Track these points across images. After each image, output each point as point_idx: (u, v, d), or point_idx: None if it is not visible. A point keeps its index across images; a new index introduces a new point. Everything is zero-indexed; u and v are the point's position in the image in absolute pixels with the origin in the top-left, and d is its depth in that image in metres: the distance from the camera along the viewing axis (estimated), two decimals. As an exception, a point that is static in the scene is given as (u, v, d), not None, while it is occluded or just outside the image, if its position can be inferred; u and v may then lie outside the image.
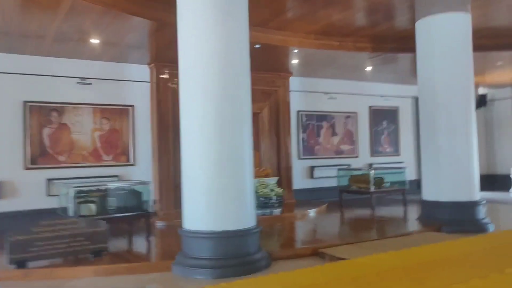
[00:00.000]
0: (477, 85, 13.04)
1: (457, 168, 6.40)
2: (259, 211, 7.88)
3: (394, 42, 8.12)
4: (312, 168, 10.60)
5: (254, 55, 8.15)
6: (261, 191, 7.80)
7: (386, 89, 11.85)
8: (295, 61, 8.86)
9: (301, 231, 7.12)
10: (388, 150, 11.92)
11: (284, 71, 9.78)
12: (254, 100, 9.84)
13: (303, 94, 10.64)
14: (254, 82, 9.74)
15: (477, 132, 6.67)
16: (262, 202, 7.87)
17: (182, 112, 4.82)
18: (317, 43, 7.71)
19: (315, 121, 10.79)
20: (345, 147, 11.18)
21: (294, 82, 10.39)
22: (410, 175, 11.00)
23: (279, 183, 9.80)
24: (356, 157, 11.33)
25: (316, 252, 5.21)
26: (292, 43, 7.50)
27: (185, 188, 4.82)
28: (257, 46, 7.42)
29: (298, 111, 10.56)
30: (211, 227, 4.61)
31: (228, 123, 4.64)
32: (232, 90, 4.69)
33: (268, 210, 7.91)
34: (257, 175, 8.23)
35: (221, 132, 4.61)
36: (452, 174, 6.42)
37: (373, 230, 6.86)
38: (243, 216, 4.75)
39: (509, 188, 12.14)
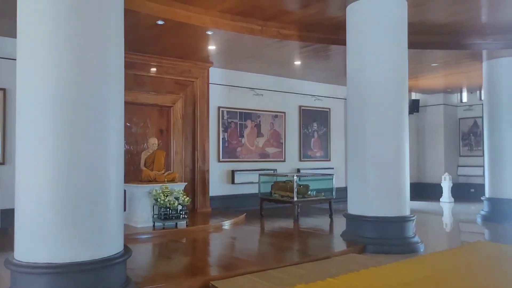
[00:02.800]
0: (410, 90, 12.61)
1: (386, 179, 5.47)
2: (159, 224, 6.56)
3: (325, 31, 7.12)
4: (233, 173, 9.41)
5: (159, 35, 6.88)
6: (162, 200, 6.45)
7: (317, 89, 10.96)
8: (212, 47, 7.61)
9: (204, 251, 5.86)
10: (318, 154, 11.03)
11: (202, 59, 8.51)
12: (165, 91, 8.62)
13: (225, 88, 9.43)
14: (164, 70, 8.54)
15: (409, 139, 5.81)
16: (163, 213, 6.52)
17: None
18: (234, 25, 6.52)
19: (239, 120, 9.62)
20: (271, 150, 10.11)
21: (215, 74, 9.16)
22: (340, 182, 10.20)
23: (192, 189, 8.53)
24: (283, 161, 10.31)
25: (207, 286, 3.99)
26: (204, 22, 6.25)
27: (18, 204, 3.40)
28: (160, 22, 6.09)
29: (219, 107, 9.33)
30: (52, 257, 3.24)
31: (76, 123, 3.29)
32: (82, 76, 3.33)
33: (171, 223, 6.58)
34: (160, 180, 6.89)
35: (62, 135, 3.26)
36: (380, 185, 5.48)
37: (291, 251, 5.76)
38: (99, 240, 3.41)
39: (440, 197, 11.74)
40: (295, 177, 7.90)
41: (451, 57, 8.29)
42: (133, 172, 7.95)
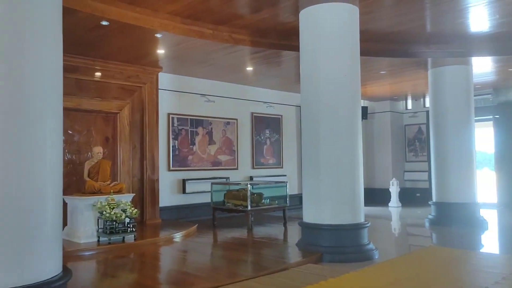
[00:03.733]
0: (359, 97, 12.87)
1: (341, 185, 5.42)
2: (104, 239, 6.12)
3: (277, 37, 7.03)
4: (184, 182, 9.07)
5: (104, 37, 6.35)
6: (107, 213, 6.02)
7: (269, 96, 10.89)
8: (161, 51, 7.28)
9: (153, 267, 5.49)
10: (270, 161, 10.94)
11: (151, 64, 8.15)
12: (111, 97, 8.12)
13: (175, 95, 9.10)
14: (110, 74, 8.03)
15: (360, 145, 5.81)
16: (109, 226, 6.08)
17: None
18: (184, 28, 6.25)
19: (190, 127, 9.31)
20: (223, 158, 9.87)
21: (165, 80, 8.81)
22: (292, 189, 10.15)
23: (141, 200, 8.11)
24: (236, 169, 10.10)
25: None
26: (153, 24, 5.94)
27: None
28: (104, 23, 5.70)
29: (169, 114, 8.97)
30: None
31: None
32: (11, 81, 2.96)
33: (117, 237, 6.15)
34: (105, 191, 6.44)
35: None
36: (335, 192, 5.42)
37: (245, 264, 5.55)
38: (32, 262, 3.03)
39: (388, 202, 12.02)
40: (248, 185, 7.71)
41: (398, 65, 8.50)
42: (75, 183, 7.42)
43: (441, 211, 8.31)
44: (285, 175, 10.92)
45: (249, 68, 8.69)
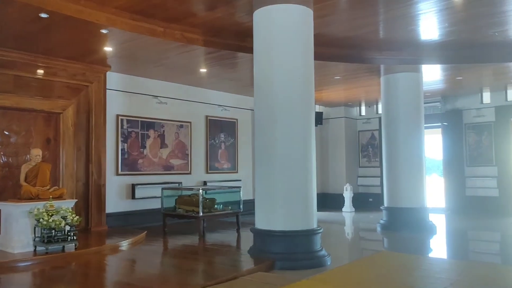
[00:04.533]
0: (314, 102, 12.94)
1: (294, 191, 5.30)
2: (41, 248, 5.66)
3: (231, 37, 6.85)
4: (133, 186, 8.65)
5: (45, 30, 5.74)
6: (45, 220, 5.56)
7: (224, 99, 10.68)
8: (109, 49, 6.90)
9: (96, 279, 5.11)
10: (225, 166, 10.71)
11: (98, 62, 7.72)
12: (54, 95, 7.54)
13: (125, 95, 8.69)
14: (53, 71, 7.33)
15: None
16: (47, 235, 5.62)
17: None
18: (133, 24, 5.93)
19: (140, 129, 8.92)
20: (176, 162, 9.54)
21: (114, 79, 8.39)
22: (247, 194, 9.97)
23: (86, 206, 7.65)
24: (189, 173, 9.79)
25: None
26: (98, 18, 5.57)
27: None
28: (43, 15, 5.28)
29: (118, 116, 8.54)
30: None
31: None
32: None
33: (56, 246, 5.70)
34: (44, 196, 5.97)
35: None
36: (288, 198, 5.29)
37: (196, 273, 5.28)
38: None
39: (342, 207, 12.11)
40: (200, 191, 7.45)
41: (352, 71, 8.57)
42: (12, 188, 6.86)
43: (392, 216, 8.41)
44: (240, 180, 10.73)
45: (203, 70, 8.45)
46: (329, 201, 12.75)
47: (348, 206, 12.04)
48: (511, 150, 10.88)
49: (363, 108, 13.50)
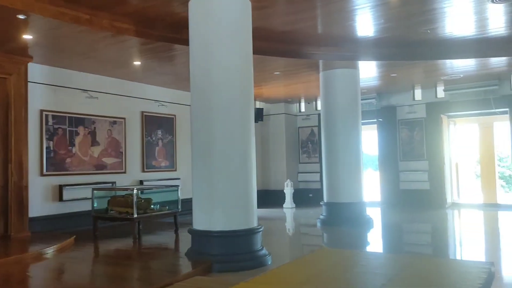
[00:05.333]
0: (254, 99, 12.84)
1: (234, 189, 5.09)
2: None
3: (166, 29, 6.46)
4: (60, 188, 7.99)
5: None
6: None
7: (161, 94, 10.23)
8: (29, 37, 6.25)
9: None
10: (163, 164, 10.26)
11: (18, 52, 6.99)
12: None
13: (50, 89, 7.99)
14: None
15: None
16: (-46, 245, 4.97)
17: None
18: (55, 10, 5.38)
19: (68, 126, 8.25)
20: (109, 160, 8.96)
21: (37, 71, 7.68)
22: (187, 193, 9.59)
23: (5, 210, 6.94)
24: (124, 172, 9.25)
25: None
26: (13, 2, 4.98)
27: None
28: None
29: (42, 111, 7.84)
30: None
31: None
32: None
33: (-34, 257, 5.05)
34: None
35: None
36: (227, 196, 5.07)
37: (129, 281, 4.91)
38: None
39: (283, 203, 12.11)
40: (135, 190, 7.01)
41: (292, 66, 8.50)
42: None
43: (331, 211, 8.48)
44: (179, 179, 10.34)
45: (137, 63, 7.97)
46: (270, 197, 12.71)
47: (289, 202, 12.07)
48: (441, 145, 11.44)
49: (302, 104, 13.61)
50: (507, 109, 10.50)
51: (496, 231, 8.49)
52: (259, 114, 12.83)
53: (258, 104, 13.19)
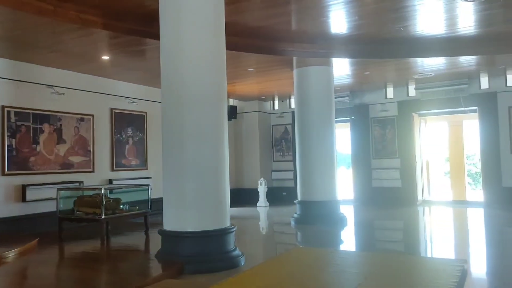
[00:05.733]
0: (228, 96, 12.67)
1: (206, 188, 4.92)
2: None
3: (136, 22, 6.22)
4: (24, 188, 7.61)
5: None
6: None
7: (132, 90, 9.92)
8: (-13, 28, 5.91)
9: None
10: (133, 163, 9.97)
11: (-24, 45, 6.61)
12: None
13: (13, 84, 7.60)
14: None
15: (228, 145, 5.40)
16: None
17: None
18: (16, 0, 5.07)
19: (32, 123, 7.87)
20: (76, 159, 8.61)
21: (-2, 65, 7.29)
22: (158, 192, 9.34)
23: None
24: (92, 171, 8.91)
25: None
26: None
27: None
28: None
29: (4, 107, 7.44)
30: None
31: None
32: None
33: None
34: None
35: None
36: (199, 196, 4.90)
37: (97, 285, 4.67)
38: None
39: (257, 202, 12.00)
40: (103, 190, 6.74)
41: (266, 63, 8.39)
42: None
43: (305, 209, 8.42)
44: (150, 178, 10.07)
45: (106, 57, 7.68)
46: (244, 196, 12.58)
47: (262, 200, 11.97)
48: (412, 143, 11.59)
49: (276, 102, 13.54)
50: (476, 107, 10.73)
51: (465, 228, 8.66)
52: (232, 112, 12.69)
53: (232, 102, 13.04)
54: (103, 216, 6.64)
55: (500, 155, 10.39)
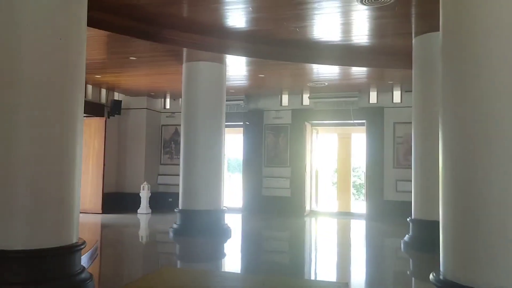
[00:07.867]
0: (111, 89, 11.34)
1: (43, 195, 3.77)
2: None
3: None
4: None
5: None
6: None
7: None
8: None
9: None
10: None
11: None
12: None
13: None
14: None
15: (108, 145, 4.34)
16: None
17: None
18: None
19: None
20: None
21: None
22: None
23: None
24: None
25: None
26: None
27: None
28: None
29: None
30: None
31: None
32: None
33: None
34: None
35: None
36: (33, 204, 3.75)
37: None
38: None
39: (138, 208, 10.81)
40: None
41: (151, 52, 7.40)
42: None
43: (186, 219, 7.57)
44: None
45: None
46: (125, 201, 11.31)
47: (144, 207, 10.83)
48: (304, 152, 11.45)
49: (168, 100, 12.54)
50: (364, 121, 10.93)
51: (348, 242, 8.58)
52: (116, 107, 11.42)
53: (117, 96, 11.73)
54: None
55: (384, 168, 10.68)
